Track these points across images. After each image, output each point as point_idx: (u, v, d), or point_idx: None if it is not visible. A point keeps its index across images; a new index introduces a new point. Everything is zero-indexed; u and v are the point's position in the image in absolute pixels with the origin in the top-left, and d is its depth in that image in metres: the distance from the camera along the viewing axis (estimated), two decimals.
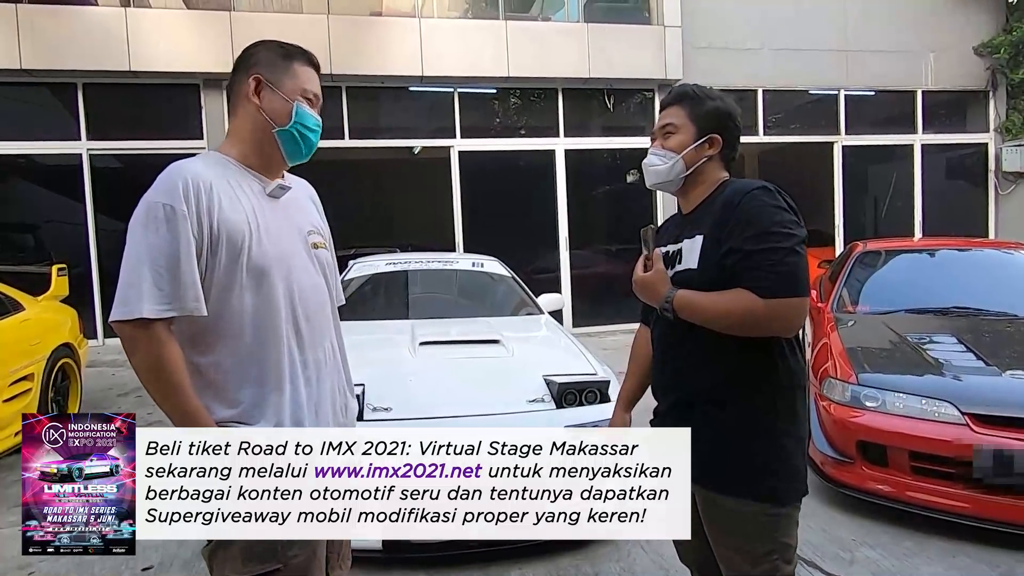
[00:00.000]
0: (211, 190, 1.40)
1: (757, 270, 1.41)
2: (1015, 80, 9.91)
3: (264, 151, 1.53)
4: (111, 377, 6.40)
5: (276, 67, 1.52)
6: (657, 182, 1.66)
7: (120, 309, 1.34)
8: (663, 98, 1.65)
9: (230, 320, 1.42)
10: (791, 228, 1.44)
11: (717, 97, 1.65)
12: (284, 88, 1.51)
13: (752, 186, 1.51)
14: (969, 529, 2.94)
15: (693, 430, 1.44)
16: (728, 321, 1.46)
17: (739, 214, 1.46)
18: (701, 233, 1.54)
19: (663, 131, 1.66)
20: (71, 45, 7.48)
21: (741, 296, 1.43)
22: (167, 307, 1.34)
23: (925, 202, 10.13)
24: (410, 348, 3.44)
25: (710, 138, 1.61)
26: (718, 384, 1.52)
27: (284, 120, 1.50)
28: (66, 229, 8.02)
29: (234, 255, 1.40)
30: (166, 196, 1.36)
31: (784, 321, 1.44)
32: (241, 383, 1.43)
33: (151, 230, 1.35)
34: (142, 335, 1.34)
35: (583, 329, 8.39)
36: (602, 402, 2.92)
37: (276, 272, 1.46)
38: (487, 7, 8.98)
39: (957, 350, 3.47)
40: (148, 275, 1.34)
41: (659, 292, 1.56)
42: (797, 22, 9.31)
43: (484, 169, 8.80)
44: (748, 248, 1.43)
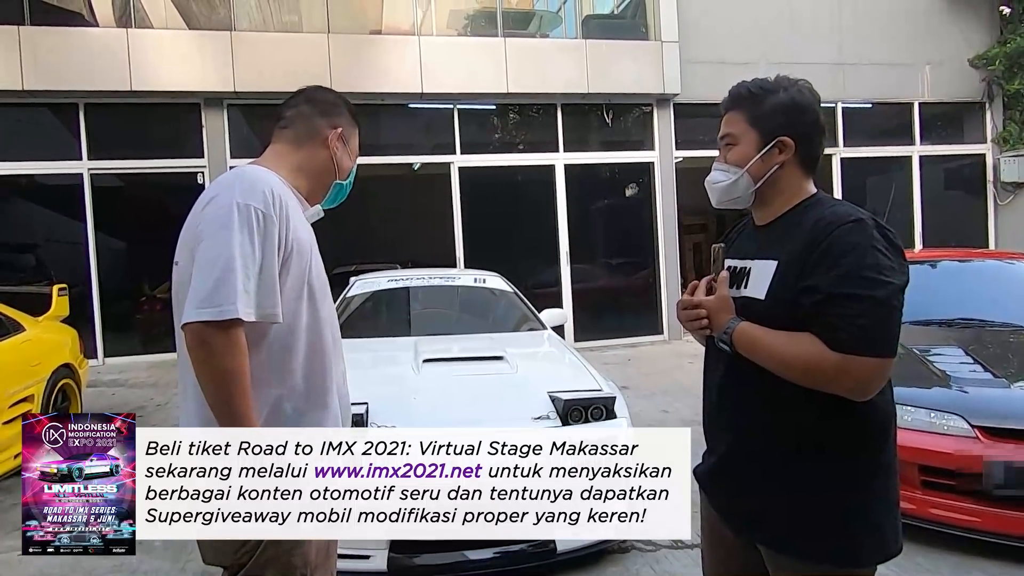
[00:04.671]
0: (286, 204, 1.43)
1: (833, 317, 1.20)
2: (1011, 91, 9.98)
3: (315, 189, 1.63)
4: (111, 397, 6.37)
5: (351, 126, 1.67)
6: (723, 200, 1.43)
7: (209, 310, 1.28)
8: (721, 102, 1.44)
9: (291, 332, 1.44)
10: (886, 275, 1.20)
11: (781, 88, 1.37)
12: (352, 148, 1.67)
13: (849, 216, 1.26)
14: (983, 544, 2.90)
15: (760, 487, 1.33)
16: (792, 370, 1.25)
17: (826, 248, 1.23)
18: (775, 258, 1.32)
19: (723, 143, 1.42)
20: (72, 65, 7.52)
21: (811, 344, 1.22)
22: (253, 311, 1.33)
23: (924, 213, 10.16)
24: (413, 365, 3.42)
25: (779, 142, 1.35)
26: (791, 432, 1.31)
27: (344, 175, 1.66)
28: (67, 249, 8.03)
29: (301, 270, 1.45)
30: (257, 200, 1.37)
31: (855, 382, 1.21)
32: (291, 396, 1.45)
33: (243, 231, 1.33)
34: (223, 338, 1.29)
35: (585, 344, 8.36)
36: (608, 418, 2.90)
37: (324, 292, 1.53)
38: (485, 25, 9.05)
39: (964, 362, 3.44)
40: (239, 276, 1.30)
41: (720, 321, 1.36)
42: (794, 36, 9.41)
43: (484, 185, 8.83)
44: (829, 290, 1.20)
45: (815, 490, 1.30)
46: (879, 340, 1.20)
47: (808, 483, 1.30)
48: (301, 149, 1.59)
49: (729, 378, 1.40)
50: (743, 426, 1.39)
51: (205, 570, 2.90)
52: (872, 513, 1.31)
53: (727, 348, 1.35)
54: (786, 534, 1.32)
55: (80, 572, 2.88)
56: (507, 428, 2.78)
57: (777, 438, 1.33)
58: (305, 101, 1.63)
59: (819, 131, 1.39)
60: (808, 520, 1.30)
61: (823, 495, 1.30)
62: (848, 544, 1.30)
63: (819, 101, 1.39)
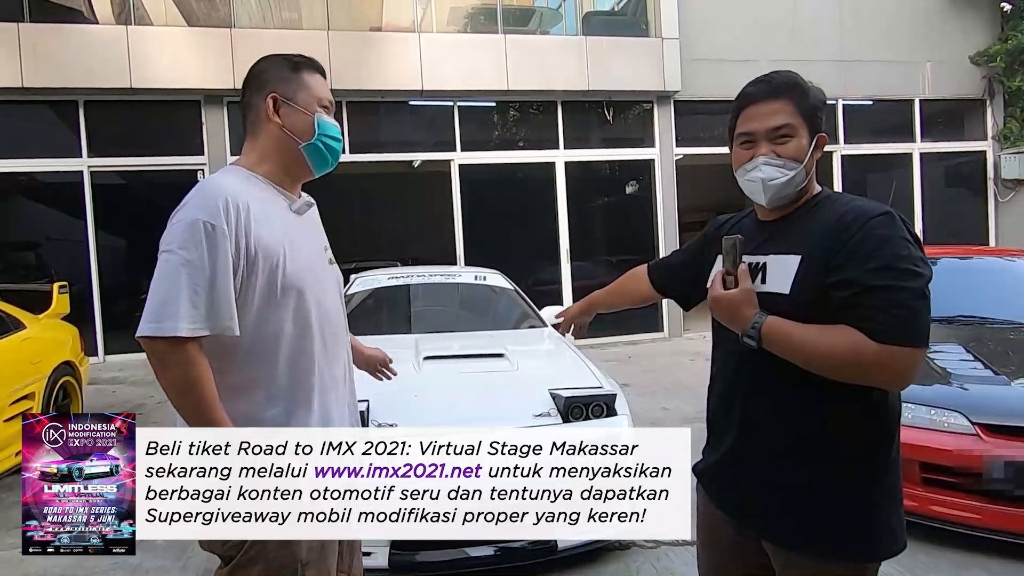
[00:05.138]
0: (248, 209, 1.39)
1: (874, 309, 1.19)
2: (1011, 88, 9.97)
3: (291, 168, 1.54)
4: (112, 395, 6.38)
5: (288, 82, 1.51)
6: (776, 198, 1.35)
7: (152, 325, 1.31)
8: (755, 89, 1.37)
9: (267, 338, 1.42)
10: (920, 267, 1.21)
11: (811, 84, 1.37)
12: (301, 102, 1.50)
13: (876, 211, 1.27)
14: (983, 541, 2.90)
15: (778, 484, 1.32)
16: (827, 363, 1.22)
17: (860, 241, 1.23)
18: (797, 253, 1.30)
19: (776, 133, 1.33)
20: (72, 63, 7.51)
21: (848, 335, 1.20)
22: (201, 326, 1.32)
23: (925, 210, 10.15)
24: (414, 363, 3.41)
25: (819, 137, 1.35)
26: (801, 434, 1.31)
27: (308, 135, 1.50)
28: (67, 246, 8.02)
29: (271, 274, 1.41)
30: (206, 213, 1.35)
31: (893, 374, 1.20)
32: (273, 400, 1.43)
33: (190, 247, 1.33)
34: (173, 353, 1.31)
35: (585, 340, 8.35)
36: (609, 415, 2.90)
37: (309, 290, 1.47)
38: (486, 22, 9.03)
39: (964, 359, 3.44)
40: (185, 292, 1.31)
41: (745, 316, 1.30)
42: (794, 33, 9.39)
43: (484, 182, 8.82)
44: (868, 282, 1.20)
45: (827, 487, 1.30)
46: (918, 330, 1.20)
47: (820, 480, 1.30)
48: (257, 136, 1.53)
49: (741, 374, 1.38)
50: (754, 422, 1.37)
51: (206, 569, 2.92)
52: (883, 509, 1.31)
53: (753, 343, 1.29)
54: (797, 531, 1.32)
55: (81, 571, 2.88)
56: (507, 427, 2.79)
57: (789, 435, 1.32)
58: (244, 88, 1.55)
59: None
60: (820, 517, 1.30)
61: (836, 492, 1.29)
62: (861, 540, 1.29)
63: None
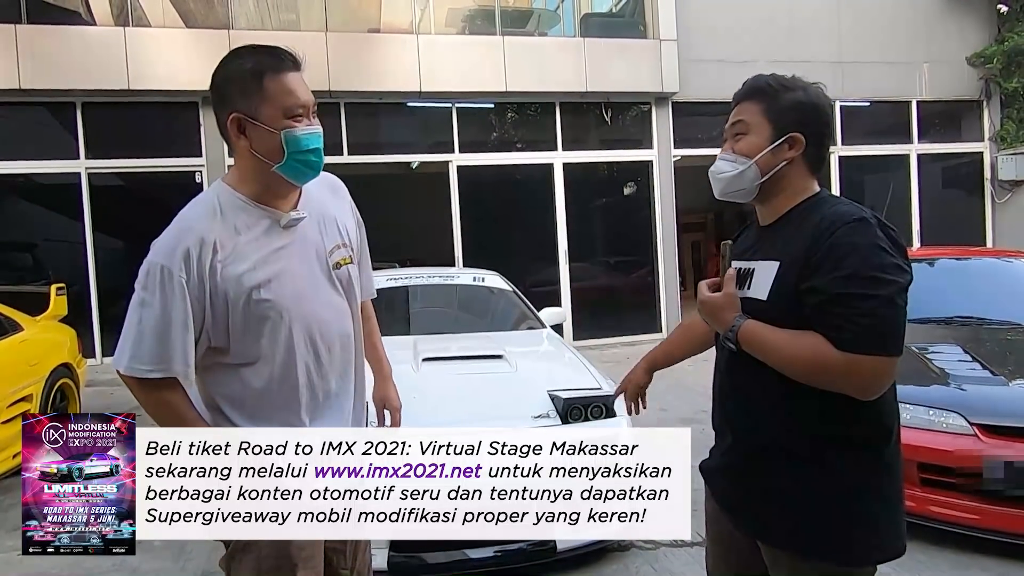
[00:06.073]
0: (215, 249, 1.36)
1: (838, 317, 1.19)
2: (1008, 89, 9.98)
3: (271, 187, 1.43)
4: (110, 396, 6.33)
5: (249, 96, 1.37)
6: (726, 191, 1.41)
7: (115, 357, 1.42)
8: (735, 93, 1.41)
9: (252, 359, 1.42)
10: (890, 273, 1.19)
11: (799, 87, 1.37)
12: (265, 118, 1.36)
13: (850, 216, 1.25)
14: (981, 541, 2.90)
15: (760, 483, 1.34)
16: (796, 369, 1.25)
17: (828, 249, 1.22)
18: (777, 259, 1.31)
19: (733, 131, 1.40)
20: (70, 64, 7.49)
21: (814, 343, 1.21)
22: (150, 368, 1.36)
23: (922, 211, 10.17)
24: (413, 364, 3.41)
25: (790, 138, 1.34)
26: (794, 433, 1.30)
27: (278, 155, 1.37)
28: (65, 248, 8.00)
29: (246, 306, 1.39)
30: (165, 258, 1.36)
31: (859, 381, 1.20)
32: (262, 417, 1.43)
33: (148, 291, 1.37)
34: (134, 383, 1.40)
35: (584, 342, 8.36)
36: (608, 416, 2.91)
37: (294, 312, 1.42)
38: (484, 23, 9.04)
39: (962, 360, 3.45)
40: (132, 335, 1.38)
41: (725, 319, 1.33)
42: (792, 35, 9.40)
43: (483, 183, 8.82)
44: (834, 291, 1.20)
45: (816, 488, 1.30)
46: (884, 339, 1.19)
47: (809, 481, 1.30)
48: (235, 154, 1.44)
49: (733, 375, 1.40)
50: (747, 423, 1.38)
51: (205, 570, 2.92)
52: (872, 512, 1.30)
53: (732, 346, 1.33)
54: (786, 531, 1.32)
55: (81, 572, 2.87)
56: (507, 427, 2.79)
57: (779, 436, 1.32)
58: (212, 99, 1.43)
59: (830, 133, 1.40)
60: (807, 518, 1.30)
61: (823, 493, 1.29)
62: (846, 543, 1.29)
63: (831, 105, 1.41)
